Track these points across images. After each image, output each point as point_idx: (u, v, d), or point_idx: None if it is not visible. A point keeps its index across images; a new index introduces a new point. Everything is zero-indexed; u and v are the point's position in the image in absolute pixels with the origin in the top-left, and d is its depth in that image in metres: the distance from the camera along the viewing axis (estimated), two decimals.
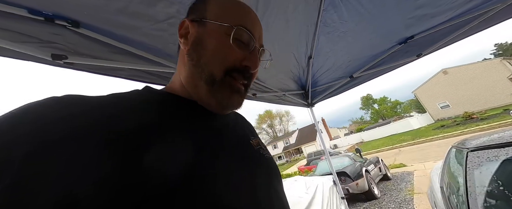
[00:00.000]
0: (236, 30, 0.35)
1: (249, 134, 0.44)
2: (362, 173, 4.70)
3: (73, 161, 0.19)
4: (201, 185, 0.26)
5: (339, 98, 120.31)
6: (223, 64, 0.35)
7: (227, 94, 0.36)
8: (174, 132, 0.29)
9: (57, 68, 0.80)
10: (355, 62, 1.76)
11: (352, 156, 6.07)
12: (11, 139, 0.18)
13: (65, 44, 0.70)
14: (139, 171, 0.21)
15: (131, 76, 0.93)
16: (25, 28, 0.62)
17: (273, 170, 0.40)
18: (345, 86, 2.03)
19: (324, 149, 2.47)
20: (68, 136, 0.20)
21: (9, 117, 0.20)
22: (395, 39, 1.52)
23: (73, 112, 0.22)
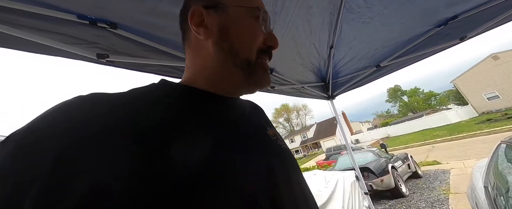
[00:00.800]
0: (262, 12, 0.36)
1: (265, 124, 0.45)
2: (387, 169, 4.42)
3: (104, 156, 0.20)
4: (223, 176, 0.26)
5: (362, 91, 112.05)
6: (255, 47, 0.36)
7: (261, 75, 0.37)
8: (193, 125, 0.29)
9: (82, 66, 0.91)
10: (383, 50, 1.62)
11: (376, 152, 5.72)
12: (48, 135, 0.19)
13: (106, 44, 0.79)
14: (163, 164, 0.22)
15: (159, 71, 1.01)
16: (75, 32, 0.72)
17: (291, 160, 0.40)
18: (370, 76, 1.90)
19: (346, 143, 2.37)
20: (98, 132, 0.21)
21: (44, 117, 0.21)
22: (433, 21, 1.34)
23: (100, 109, 0.23)
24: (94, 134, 0.21)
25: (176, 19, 0.88)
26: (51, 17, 0.65)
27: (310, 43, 1.48)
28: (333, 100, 2.26)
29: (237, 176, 0.28)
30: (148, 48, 0.91)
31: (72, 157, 0.19)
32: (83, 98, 0.24)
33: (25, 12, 0.60)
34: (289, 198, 0.32)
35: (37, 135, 0.20)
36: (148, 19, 0.81)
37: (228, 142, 0.32)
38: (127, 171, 0.20)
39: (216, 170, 0.26)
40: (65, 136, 0.20)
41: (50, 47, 0.68)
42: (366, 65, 1.81)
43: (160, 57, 0.97)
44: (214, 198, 0.24)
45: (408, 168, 5.45)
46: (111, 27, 0.75)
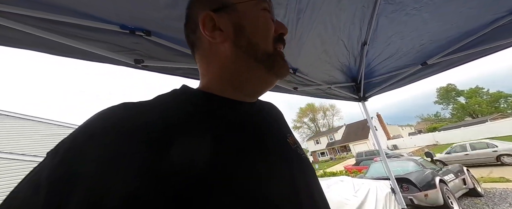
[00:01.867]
0: (268, 2, 0.38)
1: (285, 131, 0.43)
2: (434, 182, 3.80)
3: (119, 160, 0.21)
4: (244, 185, 0.26)
5: (402, 90, 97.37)
6: (271, 39, 0.37)
7: (281, 63, 0.38)
8: (203, 131, 0.29)
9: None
10: (432, 45, 1.37)
11: (419, 161, 4.96)
12: (87, 145, 0.22)
13: (142, 50, 0.89)
14: (167, 168, 0.22)
15: (186, 74, 1.08)
16: (118, 40, 0.82)
17: (310, 170, 0.39)
18: (413, 76, 1.64)
19: (379, 149, 2.12)
20: (117, 139, 0.23)
21: (84, 127, 0.24)
22: (502, 7, 1.07)
23: (122, 118, 0.25)
24: (113, 142, 0.22)
25: None
26: (99, 29, 0.76)
27: (338, 39, 1.36)
28: (365, 103, 2.04)
29: (259, 185, 0.28)
30: (177, 53, 0.98)
31: (100, 168, 0.21)
32: (114, 108, 0.27)
33: (79, 25, 0.72)
34: (311, 207, 0.32)
35: (78, 144, 0.22)
36: (176, 25, 0.87)
37: (248, 149, 0.31)
38: (137, 171, 0.21)
39: (235, 179, 0.26)
40: (97, 146, 0.22)
41: (97, 54, 0.80)
42: (408, 63, 1.57)
43: (188, 60, 1.03)
44: (235, 207, 0.24)
45: (462, 184, 4.57)
46: (146, 34, 0.84)
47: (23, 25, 0.64)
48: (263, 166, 0.30)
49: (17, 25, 0.62)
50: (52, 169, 0.20)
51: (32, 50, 0.70)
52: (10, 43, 0.66)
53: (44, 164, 0.22)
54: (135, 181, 0.21)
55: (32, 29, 0.65)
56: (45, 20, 0.67)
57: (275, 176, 0.31)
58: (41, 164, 0.22)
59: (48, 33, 0.68)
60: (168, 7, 0.79)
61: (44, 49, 0.72)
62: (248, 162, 0.29)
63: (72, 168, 0.20)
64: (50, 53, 0.73)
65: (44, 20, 0.67)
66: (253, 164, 0.29)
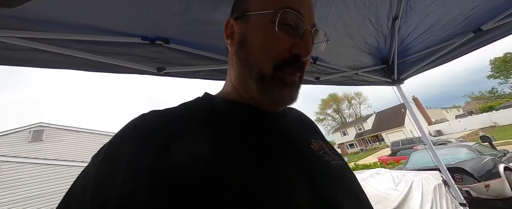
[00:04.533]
0: (281, 14, 0.31)
1: (309, 136, 0.39)
2: (497, 170, 3.22)
3: (133, 161, 0.24)
4: (240, 198, 0.23)
5: (441, 69, 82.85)
6: (272, 59, 0.32)
7: (278, 90, 0.33)
8: (204, 136, 0.28)
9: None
10: (487, 6, 1.12)
11: (474, 147, 4.26)
12: (118, 147, 0.26)
13: (163, 58, 0.93)
14: (168, 169, 0.24)
15: (206, 76, 1.11)
16: (140, 51, 0.87)
17: (343, 177, 0.34)
18: (462, 48, 1.37)
19: (423, 135, 1.86)
20: (135, 143, 0.26)
21: (118, 133, 0.27)
22: None
23: (141, 127, 0.28)
24: (135, 143, 0.26)
25: (215, 23, 0.93)
26: (123, 43, 0.81)
27: (363, 18, 1.21)
28: (401, 86, 1.81)
29: (252, 189, 0.25)
30: (195, 56, 1.01)
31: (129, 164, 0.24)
32: (142, 116, 0.30)
33: (104, 42, 0.78)
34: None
35: (113, 148, 0.26)
36: (192, 29, 0.89)
37: (252, 155, 0.29)
38: (147, 172, 0.23)
39: (229, 183, 0.24)
40: (127, 148, 0.25)
41: (124, 67, 0.86)
42: (455, 32, 1.32)
43: (205, 62, 1.05)
44: None
45: None
46: (165, 42, 0.87)
47: (64, 48, 0.72)
48: (262, 171, 0.27)
49: (60, 49, 0.71)
50: (95, 169, 0.25)
51: (74, 69, 0.80)
52: (53, 66, 0.76)
53: (89, 166, 0.26)
54: (140, 176, 0.23)
55: (71, 51, 0.74)
56: (79, 42, 0.74)
57: (276, 180, 0.27)
58: (87, 166, 0.26)
59: (83, 53, 0.75)
60: (181, 13, 0.81)
61: (84, 68, 0.81)
62: (246, 166, 0.27)
63: (109, 167, 0.24)
64: (88, 70, 0.82)
65: (78, 41, 0.74)
66: (252, 169, 0.27)
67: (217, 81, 1.20)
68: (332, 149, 0.39)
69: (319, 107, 48.79)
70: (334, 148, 0.41)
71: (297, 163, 0.31)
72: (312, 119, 0.51)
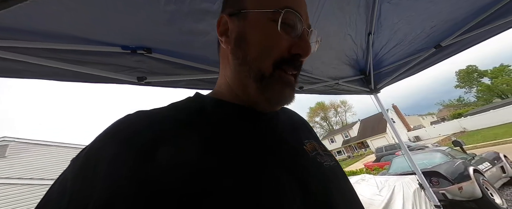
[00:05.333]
0: (284, 14, 0.31)
1: (303, 137, 0.39)
2: (468, 173, 3.47)
3: (115, 163, 0.23)
4: (229, 197, 0.23)
5: (417, 78, 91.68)
6: (272, 58, 0.32)
7: (278, 90, 0.33)
8: (192, 137, 0.27)
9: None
10: (444, 26, 1.28)
11: (447, 151, 4.59)
12: (101, 148, 0.25)
13: (145, 67, 0.92)
14: (153, 171, 0.23)
15: (189, 85, 1.10)
16: (120, 60, 0.86)
17: (336, 178, 0.34)
18: (427, 61, 1.54)
19: (400, 142, 1.98)
20: (117, 145, 0.24)
21: (101, 133, 0.27)
22: None
23: (124, 129, 0.27)
24: (117, 144, 0.25)
25: (201, 34, 0.95)
26: (101, 52, 0.79)
27: (344, 34, 1.32)
28: (378, 95, 1.94)
29: (242, 189, 0.24)
30: (178, 66, 1.01)
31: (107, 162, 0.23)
32: (128, 116, 0.29)
33: (83, 51, 0.75)
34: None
35: (93, 151, 0.25)
36: (176, 39, 0.89)
37: (239, 155, 0.28)
38: (124, 175, 0.22)
39: (218, 182, 0.24)
40: (109, 147, 0.25)
41: (102, 76, 0.84)
42: (420, 48, 1.48)
43: (190, 72, 1.05)
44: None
45: (501, 172, 4.14)
46: (147, 52, 0.87)
47: (31, 57, 0.68)
48: (254, 174, 0.27)
49: (27, 58, 0.67)
50: (73, 173, 0.24)
51: (43, 79, 0.75)
52: (21, 75, 0.71)
53: (67, 169, 0.25)
54: (121, 181, 0.22)
55: (40, 59, 0.69)
56: (50, 50, 0.71)
57: (267, 183, 0.26)
58: (66, 170, 0.25)
59: (55, 62, 0.72)
60: (165, 24, 0.81)
61: (55, 77, 0.76)
62: (237, 170, 0.26)
63: (89, 171, 0.23)
64: (60, 80, 0.78)
65: (50, 50, 0.71)
66: (243, 172, 0.26)
67: (201, 90, 1.20)
68: (324, 149, 0.39)
69: (308, 114, 49.97)
70: (326, 148, 0.41)
71: (290, 164, 0.30)
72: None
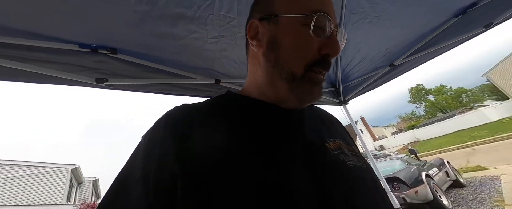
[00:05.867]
0: (317, 17, 0.31)
1: (327, 135, 0.38)
2: (421, 178, 3.92)
3: (160, 144, 0.30)
4: (241, 189, 0.25)
5: (380, 93, 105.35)
6: (304, 60, 0.33)
7: (308, 89, 0.34)
8: (218, 129, 0.31)
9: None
10: (395, 48, 1.50)
11: (405, 158, 5.16)
12: (156, 132, 0.32)
13: (107, 69, 0.83)
14: (186, 154, 0.28)
15: (159, 91, 1.03)
16: (76, 60, 0.76)
17: (358, 180, 0.32)
18: (384, 77, 1.76)
19: (366, 151, 2.16)
20: (163, 130, 0.31)
21: (157, 120, 0.33)
22: (449, 12, 1.23)
23: (169, 118, 0.33)
24: (165, 131, 0.31)
25: (174, 39, 0.92)
26: (54, 49, 0.69)
27: None
28: (346, 106, 2.12)
29: (267, 195, 0.25)
30: (148, 69, 0.94)
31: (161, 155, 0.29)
32: (175, 108, 0.35)
33: (28, 46, 0.65)
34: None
35: (154, 131, 0.33)
36: (147, 42, 0.84)
37: (263, 153, 0.30)
38: (164, 156, 0.28)
39: (238, 172, 0.26)
40: (162, 134, 0.31)
41: (52, 77, 0.72)
42: (378, 65, 1.69)
43: (161, 76, 0.99)
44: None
45: (446, 176, 4.78)
46: (112, 52, 0.79)
47: None
48: (271, 168, 0.28)
49: None
50: (144, 145, 0.32)
51: None
52: None
53: (141, 143, 0.33)
54: (167, 156, 0.28)
55: None
56: None
57: (284, 178, 0.27)
58: (139, 143, 0.33)
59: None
60: (134, 24, 0.76)
61: None
62: (255, 163, 0.28)
63: (152, 145, 0.31)
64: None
65: None
66: (261, 165, 0.28)
67: (174, 97, 1.13)
68: (352, 150, 0.38)
69: None
70: (357, 149, 0.40)
71: (307, 160, 0.31)
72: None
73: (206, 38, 0.98)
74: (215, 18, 0.91)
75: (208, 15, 0.89)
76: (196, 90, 1.17)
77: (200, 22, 0.90)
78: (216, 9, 0.88)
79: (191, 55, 1.02)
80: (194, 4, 0.82)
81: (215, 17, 0.91)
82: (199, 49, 1.02)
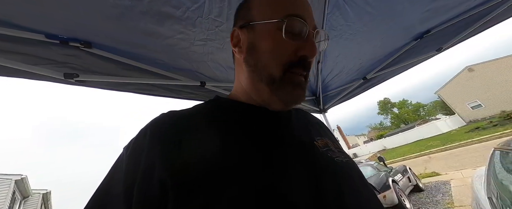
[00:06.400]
0: (287, 22, 0.33)
1: (315, 134, 0.40)
2: (388, 183, 4.27)
3: (147, 152, 0.29)
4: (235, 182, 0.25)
5: (354, 104, 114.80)
6: (281, 63, 0.34)
7: (289, 90, 0.35)
8: (210, 133, 0.31)
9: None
10: (368, 63, 1.68)
11: (375, 165, 5.59)
12: (141, 142, 0.31)
13: (77, 64, 0.75)
14: (179, 162, 0.26)
15: (139, 90, 0.96)
16: (42, 51, 0.67)
17: (346, 175, 0.34)
18: (359, 89, 1.93)
19: None
20: (149, 138, 0.30)
21: (141, 129, 0.32)
22: (410, 35, 1.43)
23: (157, 125, 0.32)
24: (152, 140, 0.30)
25: (159, 37, 0.89)
26: (14, 37, 0.61)
27: None
28: (326, 114, 2.25)
29: (266, 190, 0.26)
30: (126, 67, 0.88)
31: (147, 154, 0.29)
32: (161, 115, 0.34)
33: None
34: (339, 206, 0.28)
35: (138, 141, 0.31)
36: (128, 38, 0.79)
37: (255, 152, 0.30)
38: (153, 165, 0.27)
39: (236, 175, 0.26)
40: (148, 143, 0.30)
41: (10, 68, 0.63)
42: (353, 78, 1.85)
43: (141, 75, 0.93)
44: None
45: (408, 181, 5.30)
46: (85, 46, 0.72)
47: None
48: (267, 167, 0.28)
49: None
50: (126, 156, 0.30)
51: None
52: None
53: (122, 154, 0.31)
54: (156, 165, 0.27)
55: None
56: None
57: (281, 174, 0.28)
58: (121, 154, 0.32)
59: None
60: (114, 18, 0.71)
61: None
62: (250, 163, 0.28)
63: (136, 155, 0.29)
64: None
65: None
66: (256, 165, 0.28)
67: (153, 97, 1.06)
68: (338, 147, 0.40)
69: None
70: (341, 147, 0.42)
71: (299, 158, 0.32)
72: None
73: (193, 40, 0.97)
74: (204, 21, 0.91)
75: (197, 17, 0.88)
76: (179, 92, 1.12)
77: (188, 23, 0.88)
78: (205, 12, 0.88)
79: (176, 55, 0.99)
80: (182, 5, 0.81)
81: (204, 20, 0.91)
82: (185, 51, 0.99)
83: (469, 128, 16.02)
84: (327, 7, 1.17)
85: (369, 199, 0.34)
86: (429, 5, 1.17)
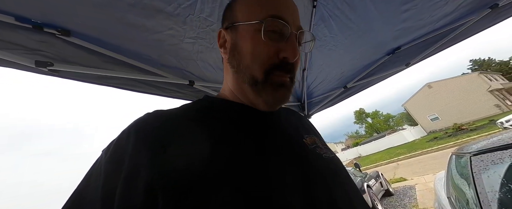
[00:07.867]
0: (265, 23, 0.32)
1: (303, 132, 0.41)
2: (363, 188, 4.53)
3: (134, 155, 0.27)
4: (237, 180, 0.25)
5: (333, 113, 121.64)
6: (262, 65, 0.34)
7: (271, 92, 0.35)
8: (200, 133, 0.30)
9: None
10: (348, 73, 1.81)
11: (352, 171, 5.89)
12: (125, 143, 0.28)
13: (52, 52, 0.67)
14: (165, 164, 0.25)
15: (122, 85, 0.89)
16: (10, 35, 0.59)
17: (333, 170, 0.35)
18: (340, 96, 2.06)
19: None
20: (135, 140, 0.28)
21: (124, 130, 0.30)
22: (384, 50, 1.60)
23: (142, 126, 0.30)
24: (137, 143, 0.28)
25: (146, 31, 0.85)
26: None
27: None
28: (309, 120, 2.33)
29: (258, 184, 0.26)
30: (108, 59, 0.81)
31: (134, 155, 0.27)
32: (147, 115, 0.32)
33: None
34: (329, 204, 0.29)
35: (118, 143, 0.29)
36: (112, 29, 0.74)
37: (246, 150, 0.30)
38: (140, 167, 0.25)
39: (230, 176, 0.25)
40: (132, 146, 0.27)
41: None
42: (335, 86, 1.97)
43: (124, 70, 0.87)
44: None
45: (381, 186, 5.68)
46: (63, 34, 0.65)
47: None
48: (259, 165, 0.28)
49: None
50: (105, 160, 0.28)
51: None
52: None
53: (101, 157, 0.29)
54: (141, 169, 0.25)
55: None
56: None
57: (282, 179, 0.28)
58: (98, 158, 0.29)
59: None
60: (98, 7, 0.67)
61: None
62: (242, 161, 0.28)
63: (118, 159, 0.27)
64: None
65: None
66: (248, 163, 0.28)
67: (135, 93, 0.99)
68: (324, 144, 0.42)
69: None
70: (326, 143, 0.43)
71: (290, 155, 0.32)
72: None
73: (183, 37, 0.95)
74: (195, 19, 0.90)
75: (188, 14, 0.87)
76: (164, 90, 1.07)
77: (178, 20, 0.87)
78: (197, 11, 0.87)
79: (164, 52, 0.95)
80: (174, 1, 0.80)
81: (195, 18, 0.90)
82: (174, 47, 0.96)
83: (429, 137, 18.06)
84: (313, 19, 1.26)
85: (355, 191, 0.36)
86: (400, 25, 1.34)
